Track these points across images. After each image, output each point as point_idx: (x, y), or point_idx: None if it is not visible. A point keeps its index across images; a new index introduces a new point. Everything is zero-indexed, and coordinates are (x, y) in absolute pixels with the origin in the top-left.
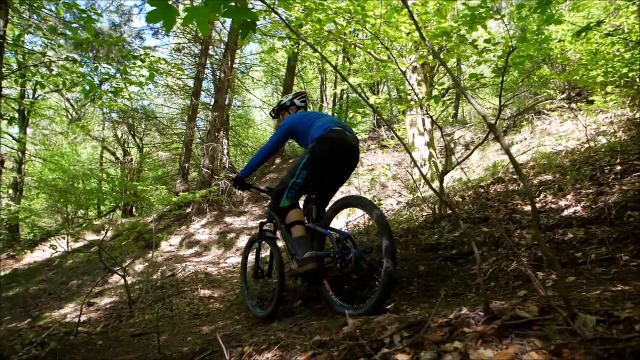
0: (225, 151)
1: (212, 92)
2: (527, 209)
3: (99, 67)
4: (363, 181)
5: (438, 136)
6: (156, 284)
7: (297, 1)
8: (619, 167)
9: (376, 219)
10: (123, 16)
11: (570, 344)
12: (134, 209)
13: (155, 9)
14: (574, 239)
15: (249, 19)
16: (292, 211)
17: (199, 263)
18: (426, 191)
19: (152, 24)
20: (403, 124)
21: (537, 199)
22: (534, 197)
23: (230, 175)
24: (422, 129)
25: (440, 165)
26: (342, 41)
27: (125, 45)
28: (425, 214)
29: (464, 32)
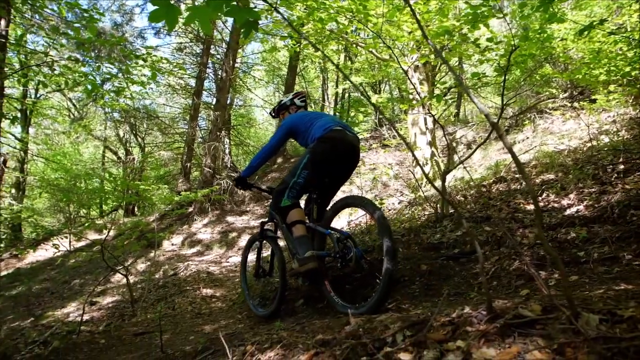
0: (227, 150)
1: (214, 92)
2: (530, 208)
3: (101, 67)
4: (365, 180)
5: (440, 135)
6: (158, 283)
7: (298, 0)
8: (621, 166)
9: (377, 218)
10: (125, 16)
11: (574, 342)
12: (136, 209)
13: (157, 8)
14: (576, 238)
15: (251, 18)
16: (293, 211)
17: (201, 262)
18: (428, 190)
19: (155, 23)
20: (405, 123)
21: (540, 198)
22: (536, 196)
23: (232, 174)
24: (424, 128)
25: (442, 164)
26: (344, 40)
27: (127, 45)
28: (427, 213)
29: (466, 31)
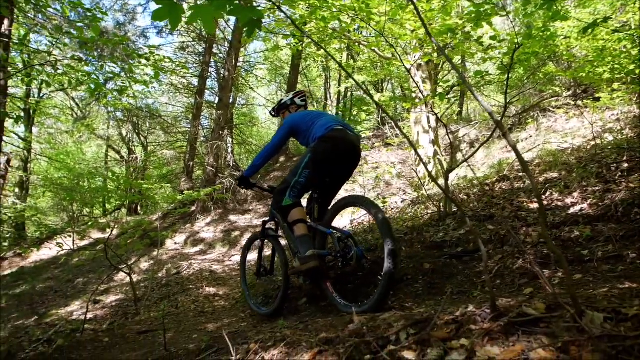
0: (230, 149)
1: (217, 91)
2: (533, 206)
3: (105, 66)
4: (368, 179)
5: (443, 134)
6: (161, 281)
7: None
8: (625, 165)
9: (377, 218)
10: (127, 15)
11: (578, 341)
12: (139, 208)
13: (160, 7)
14: (580, 237)
15: (254, 17)
16: (294, 210)
17: (204, 261)
18: (431, 189)
19: (158, 22)
20: (408, 122)
21: (543, 197)
22: (540, 194)
23: (235, 173)
24: (427, 127)
25: (445, 163)
26: (347, 39)
27: (130, 44)
28: (430, 211)
29: (469, 29)
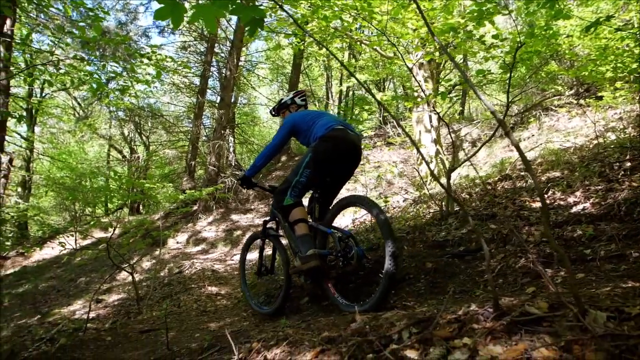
0: (232, 149)
1: (218, 90)
2: (535, 205)
3: (107, 66)
4: (369, 178)
5: (445, 133)
6: (163, 281)
7: None
8: (628, 164)
9: (378, 218)
10: (129, 15)
11: (581, 340)
12: (141, 207)
13: (163, 6)
14: (582, 236)
15: (256, 16)
16: (295, 209)
17: (205, 260)
18: (433, 188)
19: (160, 21)
20: (409, 121)
21: (546, 196)
22: (543, 193)
23: (237, 172)
24: (429, 126)
25: (447, 162)
26: (348, 38)
27: (132, 44)
28: (432, 211)
29: (471, 28)
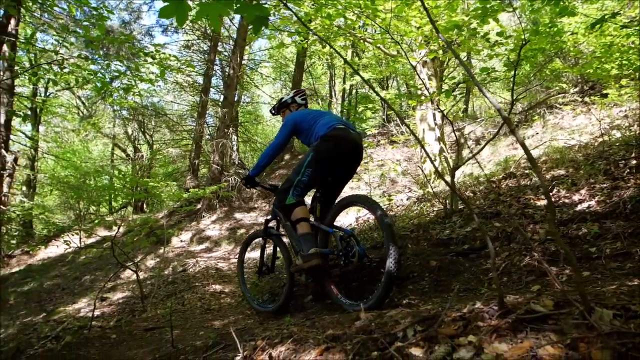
0: (235, 147)
1: (222, 89)
2: (540, 203)
3: (111, 65)
4: (373, 177)
5: (448, 131)
6: (168, 279)
7: None
8: (634, 162)
9: (379, 217)
10: (132, 14)
11: (587, 338)
12: (145, 205)
13: (167, 4)
14: (588, 234)
15: (261, 14)
16: (297, 208)
17: (209, 258)
18: (437, 186)
19: (165, 19)
20: (413, 119)
21: (551, 194)
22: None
23: (240, 171)
24: (433, 124)
25: (450, 160)
26: (352, 36)
27: (135, 43)
28: (436, 209)
29: (475, 26)
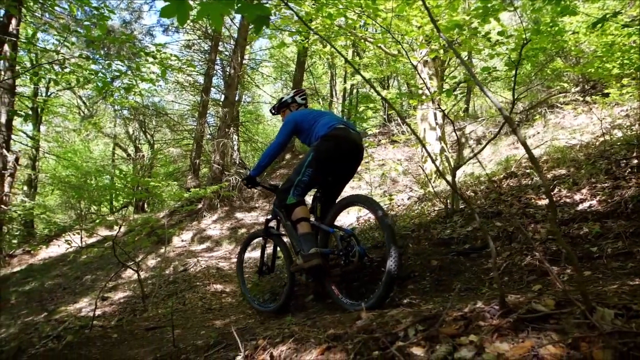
0: (236, 147)
1: (222, 89)
2: (541, 203)
3: (112, 65)
4: (374, 176)
5: (449, 131)
6: (169, 278)
7: None
8: (635, 161)
9: (379, 217)
10: (133, 13)
11: (589, 337)
12: (146, 205)
13: (168, 4)
14: (589, 234)
15: (262, 14)
16: (298, 208)
17: (210, 258)
18: (438, 186)
19: (166, 18)
20: (414, 118)
21: (552, 193)
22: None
23: (241, 171)
24: (434, 124)
25: (451, 160)
26: (353, 36)
27: (136, 43)
28: (437, 208)
29: (476, 25)
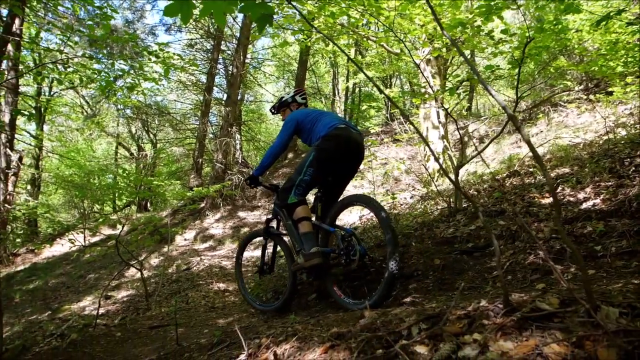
0: (238, 146)
1: (225, 88)
2: (544, 202)
3: (115, 64)
4: (376, 175)
5: (452, 129)
6: (172, 277)
7: None
8: (639, 160)
9: (380, 217)
10: (136, 13)
11: (593, 336)
12: (149, 204)
13: (172, 2)
14: (593, 232)
15: (265, 12)
16: (299, 207)
17: (213, 257)
18: (441, 184)
19: (168, 18)
20: (417, 117)
21: (556, 192)
22: (554, 188)
23: (244, 169)
24: (437, 122)
25: (454, 158)
26: (355, 34)
27: (139, 42)
28: (440, 207)
29: (479, 23)
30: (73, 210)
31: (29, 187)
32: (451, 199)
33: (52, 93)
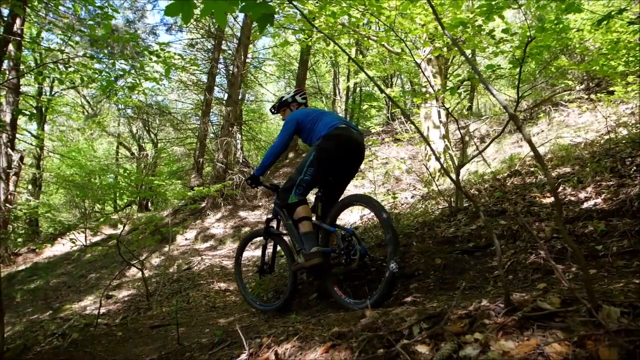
0: (239, 146)
1: (226, 87)
2: (545, 201)
3: (116, 64)
4: (377, 175)
5: (453, 129)
6: (173, 277)
7: None
8: None
9: (380, 217)
10: (137, 12)
11: (594, 335)
12: (150, 204)
13: (173, 2)
14: (594, 232)
15: (266, 12)
16: (300, 207)
17: (214, 257)
18: (442, 184)
19: (168, 18)
20: (417, 117)
21: (557, 192)
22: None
23: (244, 169)
24: (438, 122)
25: (455, 158)
26: (356, 34)
27: (140, 42)
28: (441, 207)
29: (480, 23)
30: (74, 210)
31: (30, 186)
32: (452, 199)
33: (53, 93)
